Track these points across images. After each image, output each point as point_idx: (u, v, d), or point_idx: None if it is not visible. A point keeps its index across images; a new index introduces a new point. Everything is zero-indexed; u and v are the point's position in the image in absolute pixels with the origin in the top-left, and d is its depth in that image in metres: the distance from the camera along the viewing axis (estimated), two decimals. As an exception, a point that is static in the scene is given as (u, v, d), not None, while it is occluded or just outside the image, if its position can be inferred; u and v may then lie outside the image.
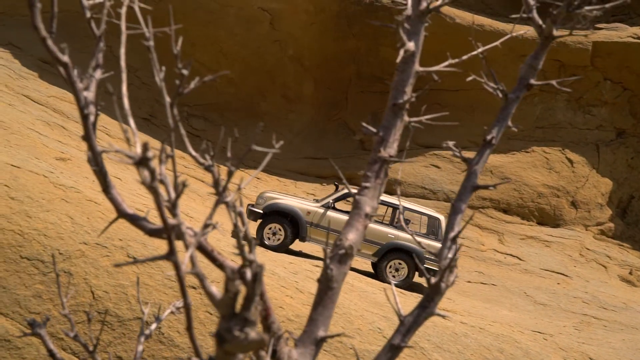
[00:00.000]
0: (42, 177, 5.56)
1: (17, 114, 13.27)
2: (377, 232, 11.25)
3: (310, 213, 11.32)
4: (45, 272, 4.67)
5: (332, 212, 11.44)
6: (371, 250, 11.17)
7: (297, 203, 11.57)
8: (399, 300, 2.36)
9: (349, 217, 2.56)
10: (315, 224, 11.26)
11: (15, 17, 20.34)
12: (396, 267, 11.09)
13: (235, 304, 1.83)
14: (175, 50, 2.15)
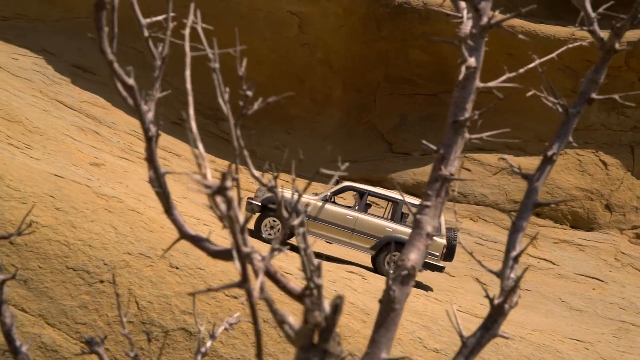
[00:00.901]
0: (85, 187, 5.61)
1: (52, 120, 13.45)
2: (375, 226, 11.22)
3: (309, 206, 11.29)
4: (91, 282, 4.70)
5: (330, 205, 11.43)
6: (369, 244, 11.17)
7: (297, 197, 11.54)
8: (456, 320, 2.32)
9: (410, 236, 2.51)
10: (314, 217, 11.24)
11: (48, 23, 20.65)
12: (394, 260, 11.11)
13: (314, 335, 1.80)
14: (240, 71, 2.14)
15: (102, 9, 2.18)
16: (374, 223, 11.26)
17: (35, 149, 9.31)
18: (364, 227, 11.23)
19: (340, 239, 11.33)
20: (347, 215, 11.28)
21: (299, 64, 19.84)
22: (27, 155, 7.58)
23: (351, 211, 11.50)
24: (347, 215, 11.27)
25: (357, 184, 11.77)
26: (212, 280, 5.20)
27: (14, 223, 4.82)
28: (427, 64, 19.09)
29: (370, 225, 11.19)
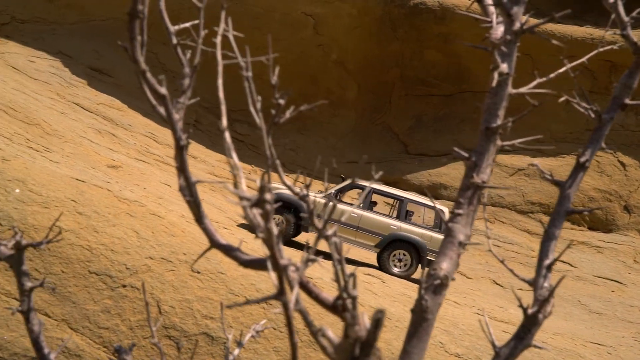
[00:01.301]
0: (106, 191, 5.62)
1: (69, 123, 13.52)
2: (379, 224, 11.23)
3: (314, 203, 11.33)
4: (113, 287, 4.71)
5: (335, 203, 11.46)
6: (373, 242, 11.19)
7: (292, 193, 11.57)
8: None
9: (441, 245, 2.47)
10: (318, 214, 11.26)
11: (65, 25, 20.79)
12: (399, 257, 11.05)
13: (354, 350, 1.78)
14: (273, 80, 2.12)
15: (135, 18, 2.17)
16: (379, 221, 11.28)
17: (54, 152, 9.35)
18: (369, 225, 11.26)
19: (345, 237, 11.36)
20: (352, 214, 11.30)
21: (314, 64, 19.83)
22: (47, 159, 7.61)
23: (356, 209, 11.50)
24: (352, 214, 11.29)
25: (361, 182, 11.77)
26: (233, 285, 5.19)
27: (37, 228, 4.84)
28: (442, 64, 19.01)
29: (375, 223, 11.22)
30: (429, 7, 17.87)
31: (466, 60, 18.74)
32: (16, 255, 2.89)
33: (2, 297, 4.50)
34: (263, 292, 5.23)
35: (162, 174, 13.62)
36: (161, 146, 15.82)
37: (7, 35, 20.31)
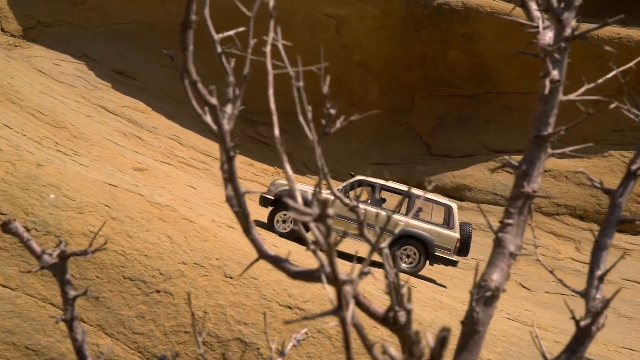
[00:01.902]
0: (139, 196, 5.63)
1: (95, 125, 13.63)
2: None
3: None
4: (147, 292, 4.71)
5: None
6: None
7: (307, 190, 11.61)
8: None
9: (491, 255, 2.42)
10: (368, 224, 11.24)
11: (89, 29, 20.99)
12: (407, 253, 10.99)
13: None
14: (324, 89, 2.09)
15: (188, 28, 2.15)
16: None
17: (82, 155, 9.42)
18: (376, 221, 11.29)
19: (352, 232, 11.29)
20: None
21: (336, 66, 19.78)
22: (77, 163, 7.67)
23: (364, 205, 11.47)
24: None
25: (369, 178, 11.71)
26: (265, 290, 5.17)
27: (72, 233, 4.86)
28: (466, 65, 18.86)
29: (383, 218, 11.25)
30: (453, 7, 17.75)
31: (490, 60, 18.59)
32: (60, 264, 2.89)
33: (38, 302, 4.53)
34: (295, 298, 5.21)
35: (187, 176, 13.69)
36: (185, 148, 15.89)
37: (33, 39, 20.56)
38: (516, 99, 18.60)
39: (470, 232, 11.49)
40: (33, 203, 4.92)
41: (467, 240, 11.37)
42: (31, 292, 4.48)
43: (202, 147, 16.61)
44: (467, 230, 11.47)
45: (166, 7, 21.08)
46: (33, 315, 4.37)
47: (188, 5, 2.11)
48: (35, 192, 4.99)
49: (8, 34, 20.86)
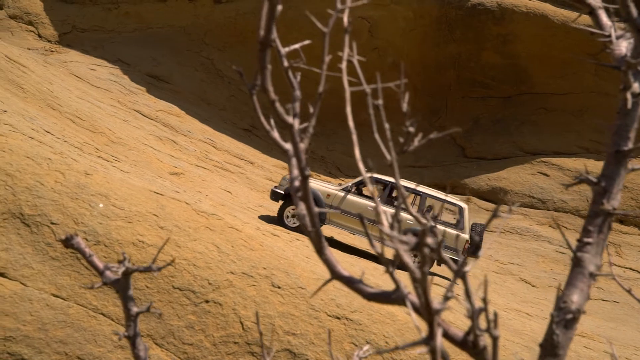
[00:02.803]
0: (184, 204, 5.64)
1: (132, 130, 13.76)
2: None
3: (330, 196, 11.27)
4: (197, 302, 4.70)
5: (351, 196, 11.31)
6: None
7: (318, 185, 11.49)
8: None
9: (570, 276, 2.33)
10: (335, 207, 11.19)
11: (123, 34, 21.23)
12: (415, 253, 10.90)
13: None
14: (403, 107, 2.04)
15: (267, 47, 2.11)
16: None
17: (122, 161, 9.50)
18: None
19: (361, 230, 11.21)
20: (368, 207, 11.12)
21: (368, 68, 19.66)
22: (118, 169, 7.71)
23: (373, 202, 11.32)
24: (369, 207, 11.12)
25: (381, 176, 11.61)
26: (313, 300, 5.12)
27: (122, 243, 4.88)
28: (500, 66, 18.62)
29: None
30: (487, 7, 17.53)
31: (525, 61, 18.33)
32: (122, 281, 2.86)
33: (89, 312, 4.55)
34: (343, 308, 5.15)
35: (222, 180, 13.73)
36: (219, 152, 15.95)
37: (69, 44, 20.87)
38: (552, 100, 18.30)
39: (481, 232, 11.35)
40: (83, 212, 4.94)
41: (479, 240, 11.25)
42: (82, 302, 4.50)
43: (236, 151, 16.67)
44: (478, 231, 11.34)
45: (198, 10, 21.23)
46: (85, 325, 4.39)
47: (268, 23, 2.07)
48: (85, 202, 5.02)
49: (45, 39, 21.20)
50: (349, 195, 11.25)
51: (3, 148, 5.24)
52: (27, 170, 5.07)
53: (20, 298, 4.35)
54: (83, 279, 4.59)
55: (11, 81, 11.77)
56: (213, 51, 20.89)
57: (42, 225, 4.77)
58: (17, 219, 4.75)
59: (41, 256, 4.63)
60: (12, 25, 21.20)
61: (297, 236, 8.39)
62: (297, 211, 2.07)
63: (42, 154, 5.48)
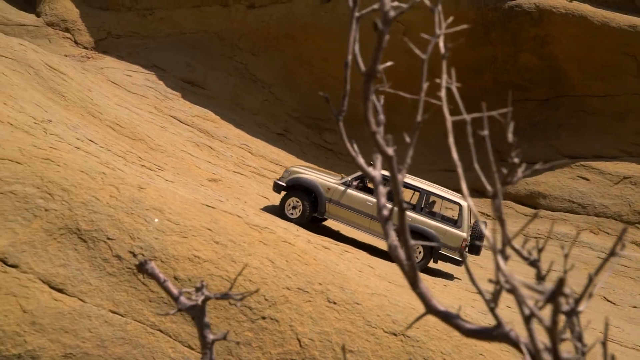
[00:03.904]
0: (237, 218, 5.59)
1: (169, 136, 13.82)
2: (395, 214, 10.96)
3: (331, 189, 11.31)
4: (253, 319, 4.65)
5: (351, 190, 11.31)
6: None
7: (318, 179, 11.52)
8: None
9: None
10: (335, 200, 11.22)
11: (157, 39, 21.39)
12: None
13: None
14: (509, 138, 1.95)
15: (372, 78, 2.04)
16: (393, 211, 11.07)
17: (165, 169, 9.52)
18: None
19: (360, 225, 11.19)
20: (367, 202, 11.13)
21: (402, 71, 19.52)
22: (162, 178, 7.73)
23: (372, 197, 11.20)
24: (367, 202, 11.12)
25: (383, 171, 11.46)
26: (369, 316, 5.04)
27: (178, 258, 4.85)
28: (538, 68, 18.31)
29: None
30: (525, 9, 17.26)
31: (563, 63, 18.00)
32: (199, 307, 2.80)
33: (147, 328, 4.53)
34: (400, 324, 5.05)
35: (259, 186, 13.72)
36: (255, 157, 15.95)
37: (104, 50, 21.10)
38: (591, 102, 17.94)
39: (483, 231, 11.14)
40: (139, 228, 4.93)
41: (480, 239, 11.13)
42: (140, 318, 4.48)
43: (272, 156, 16.66)
44: (479, 230, 11.21)
45: (232, 15, 21.29)
46: (143, 342, 4.37)
47: (375, 54, 1.99)
48: (140, 216, 5.00)
49: (81, 46, 21.46)
50: (348, 190, 11.25)
51: (58, 162, 5.26)
52: (82, 185, 5.08)
53: (79, 314, 4.34)
54: (140, 295, 4.58)
55: (53, 89, 11.90)
56: (246, 56, 20.93)
57: (99, 241, 4.77)
58: (74, 234, 4.75)
59: (98, 272, 4.62)
60: (50, 33, 21.51)
61: (346, 247, 8.33)
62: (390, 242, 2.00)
63: (96, 168, 5.49)
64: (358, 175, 11.60)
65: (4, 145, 5.32)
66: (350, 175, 11.67)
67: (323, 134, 20.35)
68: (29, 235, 4.62)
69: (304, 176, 11.47)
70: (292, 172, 11.64)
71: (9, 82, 10.56)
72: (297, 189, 11.30)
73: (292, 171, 11.66)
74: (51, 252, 4.58)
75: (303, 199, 11.24)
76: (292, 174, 11.57)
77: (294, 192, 11.34)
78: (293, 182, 11.40)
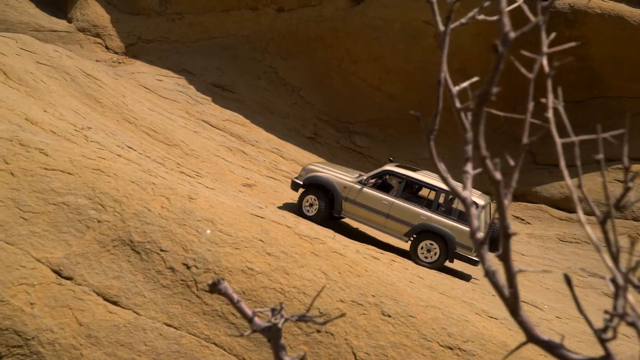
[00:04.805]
0: (286, 228, 5.52)
1: (203, 141, 13.83)
2: (409, 212, 10.90)
3: (347, 188, 11.32)
4: (308, 332, 4.58)
5: (367, 189, 11.30)
6: (403, 230, 10.95)
7: (335, 177, 11.52)
8: None
9: None
10: (351, 199, 11.24)
11: (187, 44, 21.48)
12: (428, 248, 10.71)
13: None
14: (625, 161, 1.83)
15: (485, 101, 1.95)
16: (409, 210, 10.93)
17: (203, 176, 9.51)
18: (398, 213, 10.99)
19: (376, 223, 11.18)
20: (382, 200, 11.10)
21: (434, 74, 19.30)
22: (203, 185, 7.71)
23: (387, 196, 11.15)
24: (383, 201, 11.09)
25: (397, 169, 11.49)
26: (424, 329, 4.94)
27: (231, 270, 4.79)
28: (572, 69, 18.01)
29: (405, 211, 10.90)
30: (559, 10, 16.98)
31: (599, 64, 17.68)
32: (274, 328, 2.71)
33: (201, 342, 4.48)
34: (455, 337, 4.94)
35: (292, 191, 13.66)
36: (287, 162, 15.91)
37: (135, 55, 21.24)
38: (628, 104, 17.59)
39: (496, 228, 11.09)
40: (191, 239, 4.88)
41: (497, 237, 10.96)
42: (194, 331, 4.43)
43: (302, 160, 16.59)
44: (496, 228, 11.07)
45: (261, 19, 21.29)
46: (197, 356, 4.32)
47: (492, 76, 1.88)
48: (192, 227, 4.96)
49: (112, 51, 21.63)
50: (364, 188, 11.24)
51: (108, 173, 5.24)
52: (133, 196, 5.05)
53: (135, 327, 4.30)
54: (194, 308, 4.53)
55: (89, 95, 11.98)
56: (276, 59, 20.91)
57: (152, 252, 4.73)
58: (127, 245, 4.72)
59: (152, 284, 4.58)
60: (81, 38, 21.72)
61: (393, 257, 8.22)
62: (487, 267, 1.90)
63: (145, 178, 5.45)
64: (374, 174, 11.58)
65: (55, 156, 5.32)
66: (367, 174, 11.68)
67: (353, 137, 20.25)
68: (83, 247, 4.60)
69: (321, 174, 11.51)
70: (309, 170, 11.76)
71: (47, 89, 10.65)
72: (314, 187, 11.42)
73: (309, 169, 11.78)
74: (105, 264, 4.55)
75: (319, 198, 11.32)
76: (310, 172, 11.67)
77: (311, 190, 11.44)
78: (310, 180, 11.50)
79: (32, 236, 4.61)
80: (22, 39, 12.89)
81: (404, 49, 19.17)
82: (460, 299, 6.33)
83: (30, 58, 11.97)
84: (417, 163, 20.14)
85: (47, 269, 4.46)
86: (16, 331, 4.14)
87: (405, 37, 18.93)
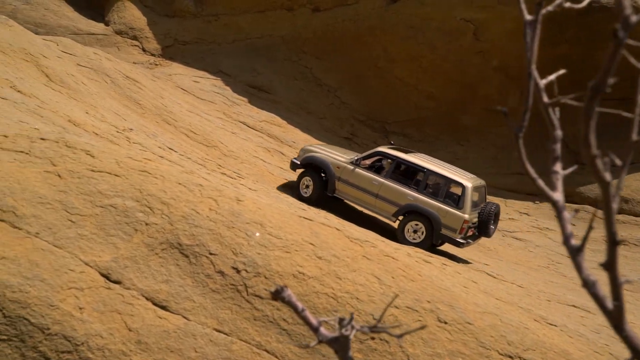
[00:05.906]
0: (336, 231, 5.37)
1: (241, 142, 13.78)
2: (397, 193, 11.04)
3: (340, 168, 11.55)
4: (362, 339, 4.42)
5: (359, 169, 11.50)
6: (391, 210, 11.10)
7: (329, 157, 11.74)
8: None
9: None
10: (344, 179, 11.50)
11: (223, 45, 21.50)
12: (414, 228, 10.82)
13: None
14: None
15: (600, 93, 1.76)
16: (397, 190, 11.07)
17: (245, 177, 9.43)
18: (387, 194, 11.14)
19: (366, 203, 11.35)
20: (373, 181, 11.26)
21: (473, 72, 19.02)
22: (245, 187, 7.61)
23: (377, 177, 11.29)
24: (373, 181, 11.24)
25: (388, 151, 11.49)
26: (482, 337, 4.74)
27: (282, 275, 4.65)
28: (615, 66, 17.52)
29: (393, 192, 11.07)
30: (604, 4, 16.52)
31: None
32: (342, 339, 2.55)
33: (253, 348, 4.34)
34: (515, 345, 4.73)
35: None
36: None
37: (171, 56, 21.34)
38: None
39: (491, 212, 10.89)
40: (240, 242, 4.76)
41: (487, 220, 10.73)
42: (245, 337, 4.31)
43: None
44: (488, 210, 10.77)
45: (296, 19, 21.19)
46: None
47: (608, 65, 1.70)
48: (241, 230, 4.84)
49: (149, 53, 21.78)
50: (356, 169, 11.37)
51: (155, 174, 5.16)
52: (181, 198, 4.95)
53: (184, 333, 4.20)
54: (244, 313, 4.40)
55: (129, 97, 12.01)
56: (311, 60, 20.79)
57: (201, 256, 4.63)
58: (175, 249, 4.62)
59: (201, 288, 4.47)
60: (118, 41, 21.91)
61: (444, 260, 8.01)
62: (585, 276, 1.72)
63: (192, 180, 5.36)
64: (366, 155, 11.72)
65: (101, 157, 5.26)
66: (360, 155, 11.76)
67: (389, 137, 20.02)
68: (131, 250, 4.52)
69: (316, 155, 11.74)
70: (306, 150, 12.00)
71: (88, 90, 10.69)
72: (310, 167, 11.60)
73: (306, 150, 12.00)
74: (153, 267, 4.46)
75: (314, 177, 11.56)
76: (307, 152, 11.92)
77: (308, 171, 11.69)
78: (307, 160, 11.74)
79: (80, 239, 4.55)
80: (63, 42, 13.00)
81: (441, 47, 18.87)
82: (517, 304, 6.11)
83: (71, 60, 12.05)
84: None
85: (96, 272, 4.38)
86: (65, 336, 4.07)
87: (443, 35, 18.63)
